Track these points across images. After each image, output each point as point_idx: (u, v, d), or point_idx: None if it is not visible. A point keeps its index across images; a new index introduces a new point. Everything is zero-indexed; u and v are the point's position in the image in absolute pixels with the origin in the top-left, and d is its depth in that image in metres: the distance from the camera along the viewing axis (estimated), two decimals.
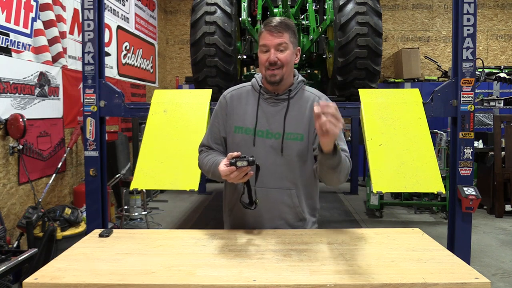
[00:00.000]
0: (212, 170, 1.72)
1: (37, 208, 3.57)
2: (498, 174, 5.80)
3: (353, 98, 3.71)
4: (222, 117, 1.83)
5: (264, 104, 1.78)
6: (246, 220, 1.81)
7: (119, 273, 1.32)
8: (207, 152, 1.84)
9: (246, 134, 1.76)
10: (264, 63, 1.71)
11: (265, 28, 1.71)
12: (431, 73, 8.80)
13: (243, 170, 1.51)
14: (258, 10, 4.31)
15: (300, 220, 1.80)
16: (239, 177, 1.54)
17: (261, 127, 1.75)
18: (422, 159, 2.95)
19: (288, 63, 1.72)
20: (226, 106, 1.83)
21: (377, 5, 3.78)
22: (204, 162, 1.80)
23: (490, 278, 2.17)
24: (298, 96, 1.79)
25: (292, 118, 1.74)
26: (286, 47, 1.70)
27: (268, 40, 1.70)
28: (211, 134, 1.87)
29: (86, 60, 3.33)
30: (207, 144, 1.86)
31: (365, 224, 5.49)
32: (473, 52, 3.16)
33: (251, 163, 1.50)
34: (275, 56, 1.69)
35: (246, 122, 1.77)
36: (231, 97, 1.84)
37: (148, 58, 7.71)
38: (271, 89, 1.78)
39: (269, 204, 1.75)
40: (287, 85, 1.78)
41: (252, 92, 1.83)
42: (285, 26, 1.70)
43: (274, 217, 1.77)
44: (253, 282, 1.26)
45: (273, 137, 1.74)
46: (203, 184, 7.41)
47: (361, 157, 7.76)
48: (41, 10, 4.20)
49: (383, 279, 1.27)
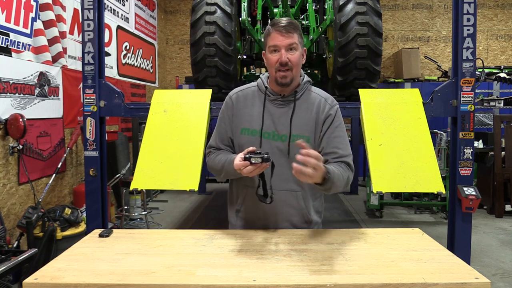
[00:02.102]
0: (226, 168, 1.71)
1: (37, 208, 3.57)
2: (498, 174, 5.80)
3: (353, 98, 3.70)
4: (229, 117, 1.82)
5: (270, 105, 1.77)
6: (252, 221, 1.81)
7: (119, 273, 1.32)
8: (216, 153, 1.83)
9: (252, 136, 1.75)
10: (274, 64, 1.69)
11: (275, 28, 1.69)
12: (431, 73, 8.80)
13: (257, 166, 1.51)
14: (258, 10, 4.31)
15: (305, 222, 1.80)
16: (252, 172, 1.53)
17: (267, 128, 1.74)
18: (422, 159, 2.95)
19: (298, 64, 1.71)
20: (232, 107, 1.82)
21: (377, 5, 3.78)
22: (216, 161, 1.78)
23: (490, 278, 2.17)
24: (305, 97, 1.78)
25: (299, 120, 1.74)
26: (296, 47, 1.69)
27: (278, 40, 1.67)
28: (218, 135, 1.85)
29: (86, 60, 3.32)
30: (216, 146, 1.85)
31: (365, 224, 5.49)
32: (473, 52, 3.16)
33: (265, 160, 1.50)
34: (286, 57, 1.67)
35: (253, 123, 1.76)
36: (237, 98, 1.83)
37: (148, 58, 7.71)
38: (278, 90, 1.77)
39: (275, 206, 1.74)
40: (294, 86, 1.77)
41: (258, 93, 1.81)
42: (294, 27, 1.69)
43: (280, 219, 1.77)
44: (253, 282, 1.26)
45: (279, 139, 1.73)
46: (203, 184, 7.40)
47: (361, 157, 7.76)
48: (41, 10, 4.20)
49: (383, 279, 1.27)
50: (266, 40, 1.74)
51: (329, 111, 1.76)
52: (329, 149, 1.73)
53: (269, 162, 1.53)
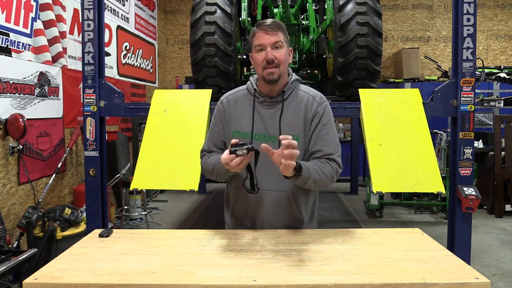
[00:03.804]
0: (216, 167, 1.73)
1: (37, 208, 3.57)
2: (498, 174, 5.80)
3: (353, 98, 3.70)
4: (221, 121, 1.85)
5: (260, 107, 1.79)
6: (244, 221, 1.83)
7: (119, 273, 1.32)
8: (208, 155, 1.85)
9: (243, 138, 1.77)
10: (261, 63, 1.72)
11: (259, 28, 1.73)
12: (431, 73, 8.80)
13: (244, 157, 1.53)
14: (258, 10, 4.31)
15: (297, 222, 1.82)
16: (239, 165, 1.53)
17: (258, 130, 1.77)
18: (422, 159, 2.95)
19: (284, 62, 1.73)
20: (224, 111, 1.85)
21: (377, 5, 3.78)
22: (208, 163, 1.80)
23: (490, 278, 2.17)
24: (293, 96, 1.80)
25: (288, 120, 1.76)
26: (281, 45, 1.72)
27: (264, 39, 1.70)
28: (211, 139, 1.88)
29: (86, 60, 3.33)
30: (208, 149, 1.87)
31: (365, 224, 5.49)
32: (473, 52, 3.16)
33: (250, 150, 1.52)
34: (272, 54, 1.69)
35: (243, 126, 1.79)
36: (228, 102, 1.86)
37: (148, 58, 7.71)
38: (266, 91, 1.79)
39: (266, 206, 1.77)
40: (283, 85, 1.79)
41: (247, 96, 1.84)
42: (279, 26, 1.73)
43: (272, 219, 1.79)
44: (253, 282, 1.26)
45: (270, 139, 1.75)
46: (203, 184, 7.41)
47: (361, 157, 7.76)
48: (41, 10, 4.20)
49: (383, 279, 1.27)
50: (251, 41, 1.77)
51: (317, 109, 1.78)
52: (316, 147, 1.75)
53: (253, 150, 1.54)
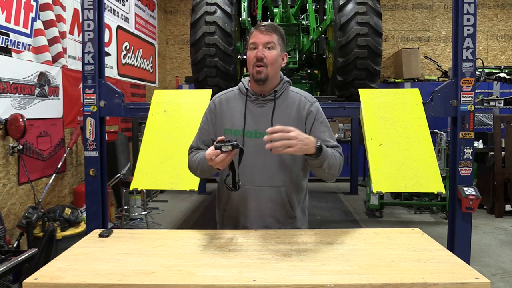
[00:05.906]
0: (201, 163, 1.75)
1: (37, 208, 3.57)
2: (498, 174, 5.80)
3: (353, 98, 3.71)
4: (211, 119, 1.88)
5: (252, 105, 1.83)
6: (238, 219, 1.84)
7: (119, 273, 1.32)
8: (195, 152, 1.87)
9: (235, 136, 1.79)
10: (252, 60, 1.76)
11: (256, 28, 1.78)
12: (431, 73, 8.80)
13: (228, 154, 1.53)
14: (258, 10, 4.31)
15: (290, 218, 1.84)
16: (223, 161, 1.54)
17: (249, 128, 1.80)
18: (422, 159, 2.95)
19: (274, 63, 1.76)
20: (215, 110, 1.88)
21: (377, 5, 3.79)
22: (193, 159, 1.83)
23: (490, 278, 2.17)
24: (284, 96, 1.84)
25: (279, 117, 1.79)
26: (273, 46, 1.76)
27: (257, 38, 1.76)
28: (200, 136, 1.91)
29: (86, 60, 3.33)
30: (196, 146, 1.90)
31: (365, 224, 5.49)
32: (473, 52, 3.16)
33: (235, 147, 1.53)
34: (262, 53, 1.73)
35: (235, 124, 1.82)
36: (220, 101, 1.89)
37: (148, 58, 7.71)
38: (258, 90, 1.82)
39: (259, 202, 1.79)
40: (273, 86, 1.82)
41: (239, 95, 1.87)
42: (275, 28, 1.78)
43: (264, 214, 1.81)
44: (253, 282, 1.26)
45: (261, 136, 1.75)
46: (203, 184, 7.40)
47: (361, 157, 7.75)
48: (41, 10, 4.20)
49: (383, 279, 1.27)
50: (247, 40, 1.82)
51: (310, 108, 1.82)
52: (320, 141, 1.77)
53: (238, 148, 1.55)
